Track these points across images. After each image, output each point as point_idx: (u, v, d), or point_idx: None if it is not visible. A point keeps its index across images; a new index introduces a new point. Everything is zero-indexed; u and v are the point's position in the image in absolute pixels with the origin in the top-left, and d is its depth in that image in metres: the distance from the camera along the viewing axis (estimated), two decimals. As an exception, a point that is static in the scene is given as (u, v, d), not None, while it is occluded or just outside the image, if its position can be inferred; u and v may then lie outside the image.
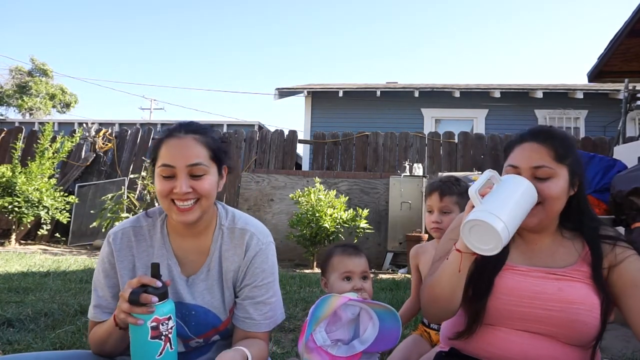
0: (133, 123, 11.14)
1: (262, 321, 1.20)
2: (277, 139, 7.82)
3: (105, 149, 8.12)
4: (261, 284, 1.21)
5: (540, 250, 1.13)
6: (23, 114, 21.63)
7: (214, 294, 1.20)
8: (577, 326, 1.02)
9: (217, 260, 1.21)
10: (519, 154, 1.11)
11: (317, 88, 10.22)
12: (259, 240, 1.22)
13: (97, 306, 1.18)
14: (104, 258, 1.20)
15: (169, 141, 1.12)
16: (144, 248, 1.21)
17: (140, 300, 0.98)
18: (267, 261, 1.22)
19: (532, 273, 1.09)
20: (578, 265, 1.09)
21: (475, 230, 0.95)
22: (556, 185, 1.07)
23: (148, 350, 1.00)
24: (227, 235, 1.22)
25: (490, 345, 1.08)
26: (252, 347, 1.12)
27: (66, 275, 4.10)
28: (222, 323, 1.21)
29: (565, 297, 1.04)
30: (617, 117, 7.76)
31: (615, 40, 5.28)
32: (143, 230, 1.22)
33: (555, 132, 1.12)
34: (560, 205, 1.10)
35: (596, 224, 1.14)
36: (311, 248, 5.64)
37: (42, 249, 6.57)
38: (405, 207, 6.13)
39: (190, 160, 1.10)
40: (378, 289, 4.01)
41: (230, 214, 1.27)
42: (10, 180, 6.47)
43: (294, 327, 2.64)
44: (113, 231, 1.22)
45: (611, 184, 2.86)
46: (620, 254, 1.08)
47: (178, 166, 1.09)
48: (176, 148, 1.11)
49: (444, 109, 10.01)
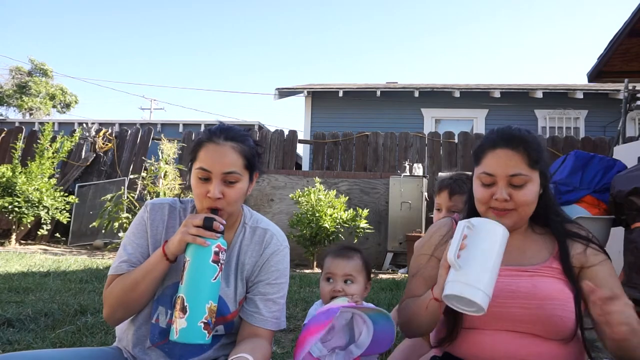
0: (133, 123, 11.13)
1: (269, 318, 1.24)
2: (277, 139, 7.82)
3: (105, 149, 8.12)
4: (274, 282, 1.27)
5: (512, 249, 1.14)
6: (23, 114, 21.63)
7: (229, 283, 1.25)
8: (554, 321, 1.04)
9: (236, 253, 1.28)
10: (494, 162, 1.13)
11: (317, 88, 10.22)
12: (278, 241, 1.31)
13: (126, 261, 1.22)
14: (139, 221, 1.28)
15: (209, 145, 1.18)
16: (172, 224, 1.27)
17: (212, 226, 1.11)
18: (282, 262, 1.30)
19: (505, 272, 1.10)
20: (549, 261, 1.12)
21: (457, 299, 0.99)
22: (530, 191, 1.11)
23: (206, 272, 1.10)
24: (249, 232, 1.30)
25: (476, 349, 1.10)
26: (256, 352, 1.13)
27: (66, 275, 4.10)
28: (231, 313, 1.24)
29: (539, 293, 1.06)
30: (617, 117, 7.76)
31: (615, 40, 5.27)
32: (176, 211, 1.30)
33: (527, 137, 1.14)
34: (533, 208, 1.14)
35: (561, 219, 1.19)
36: (311, 248, 5.64)
37: (42, 249, 6.57)
38: (405, 207, 6.13)
39: (226, 168, 1.17)
40: (378, 289, 4.01)
41: (255, 216, 1.35)
42: (10, 180, 6.47)
43: (294, 327, 2.64)
44: (152, 202, 1.31)
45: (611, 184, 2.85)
46: (592, 256, 1.12)
47: (214, 171, 1.16)
48: (214, 154, 1.17)
49: (444, 109, 10.01)
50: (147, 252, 1.25)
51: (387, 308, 3.18)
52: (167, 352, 1.21)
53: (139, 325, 1.24)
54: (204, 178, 1.17)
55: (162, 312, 1.22)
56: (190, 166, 1.22)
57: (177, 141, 7.29)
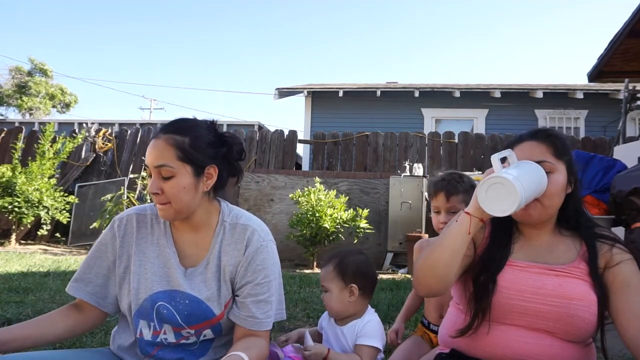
0: (133, 123, 11.12)
1: (264, 320, 1.20)
2: (277, 139, 7.82)
3: (105, 149, 8.12)
4: (263, 281, 1.20)
5: (539, 247, 1.15)
6: (23, 114, 21.62)
7: (210, 287, 1.20)
8: (576, 322, 1.03)
9: (217, 254, 1.22)
10: (519, 152, 1.13)
11: (317, 88, 10.22)
12: (260, 237, 1.23)
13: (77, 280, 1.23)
14: (104, 241, 1.24)
15: (151, 141, 1.18)
16: (143, 235, 1.24)
17: None
18: (268, 259, 1.22)
19: (532, 269, 1.10)
20: (576, 262, 1.11)
21: (493, 190, 0.99)
22: (556, 180, 1.09)
23: None
24: (228, 230, 1.23)
25: (490, 345, 1.09)
26: (251, 350, 1.11)
27: (66, 275, 4.10)
28: (216, 317, 1.20)
29: (565, 293, 1.05)
30: (617, 117, 7.76)
31: (615, 40, 5.28)
32: (146, 219, 1.26)
33: (553, 131, 1.17)
34: (558, 201, 1.12)
35: (592, 224, 1.18)
36: (311, 248, 5.63)
37: (42, 249, 6.57)
38: (406, 207, 6.13)
39: (156, 162, 1.14)
40: (378, 289, 4.00)
41: (234, 211, 1.28)
42: (10, 181, 6.47)
43: (294, 327, 2.63)
44: (119, 217, 1.26)
45: (611, 184, 2.85)
46: (617, 255, 1.11)
47: (150, 166, 1.16)
48: (150, 149, 1.16)
49: (444, 109, 10.00)
50: (103, 271, 1.23)
51: (387, 308, 3.17)
52: None
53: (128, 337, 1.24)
54: (149, 175, 1.18)
55: (145, 325, 1.20)
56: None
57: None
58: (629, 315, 1.03)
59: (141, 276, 1.20)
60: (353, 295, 1.49)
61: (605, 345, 1.10)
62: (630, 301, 1.04)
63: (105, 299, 1.24)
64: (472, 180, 1.72)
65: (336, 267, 1.51)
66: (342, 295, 1.49)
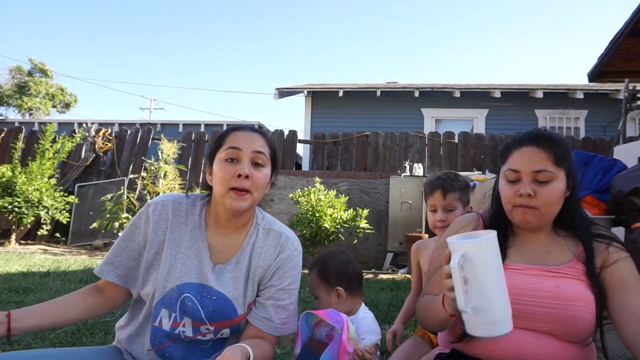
0: (133, 123, 11.13)
1: (278, 325, 1.22)
2: (277, 139, 7.81)
3: (105, 149, 8.11)
4: (287, 288, 1.24)
5: (536, 249, 1.15)
6: (23, 114, 21.62)
7: (238, 286, 1.21)
8: (574, 322, 1.04)
9: (248, 255, 1.24)
10: (519, 158, 1.13)
11: (317, 88, 10.21)
12: (293, 246, 1.28)
13: (108, 263, 1.23)
14: (136, 224, 1.24)
15: (237, 132, 1.21)
16: (177, 224, 1.23)
17: None
18: (296, 267, 1.27)
19: (528, 271, 1.11)
20: (573, 262, 1.11)
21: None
22: (555, 189, 1.09)
23: None
24: (262, 234, 1.27)
25: (490, 345, 1.09)
26: (257, 348, 1.11)
27: (66, 275, 4.10)
28: (239, 317, 1.21)
29: (562, 294, 1.05)
30: (617, 117, 7.76)
31: (615, 40, 5.27)
32: (182, 207, 1.25)
33: (553, 136, 1.15)
34: (557, 207, 1.12)
35: (587, 224, 1.18)
36: (311, 248, 5.63)
37: (42, 249, 6.56)
38: (406, 207, 6.13)
39: (256, 147, 1.19)
40: (378, 289, 4.01)
41: (267, 217, 1.32)
42: (10, 181, 6.47)
43: (294, 327, 2.63)
44: (154, 201, 1.26)
45: (611, 184, 2.86)
46: (614, 253, 1.11)
47: (244, 149, 1.17)
48: (244, 136, 1.20)
49: (444, 109, 10.00)
50: (134, 255, 1.22)
51: (387, 308, 3.18)
52: (167, 357, 1.19)
53: (137, 327, 1.22)
54: (232, 158, 1.17)
55: (165, 314, 1.18)
56: (212, 157, 1.22)
57: (177, 141, 7.29)
58: (627, 313, 1.03)
59: (172, 265, 1.19)
60: (341, 297, 1.51)
61: (606, 345, 1.10)
62: (628, 299, 1.04)
63: (135, 281, 1.23)
64: (467, 179, 1.72)
65: (318, 274, 1.53)
66: (330, 299, 1.50)
